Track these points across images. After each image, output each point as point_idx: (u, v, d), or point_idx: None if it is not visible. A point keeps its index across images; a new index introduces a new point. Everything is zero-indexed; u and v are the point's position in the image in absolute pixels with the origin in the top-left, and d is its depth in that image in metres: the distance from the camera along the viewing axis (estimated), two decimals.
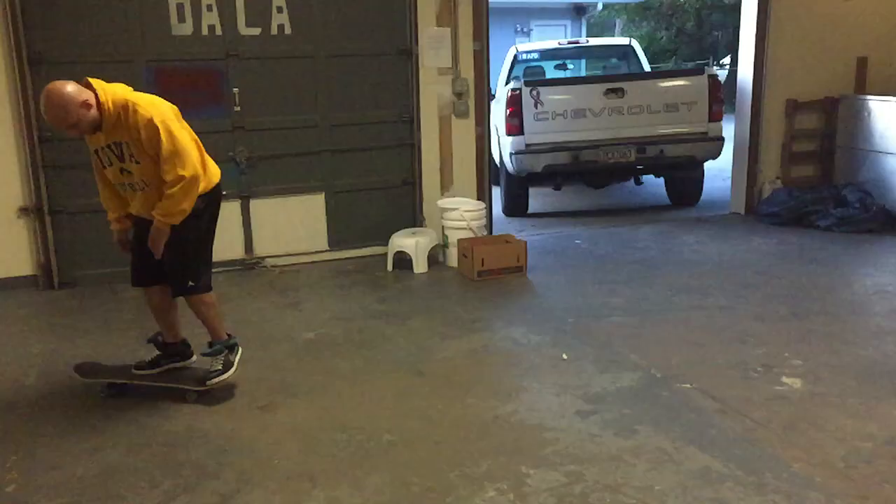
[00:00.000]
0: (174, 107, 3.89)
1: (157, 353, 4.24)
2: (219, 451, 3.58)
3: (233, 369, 4.10)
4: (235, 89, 6.30)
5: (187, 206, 3.79)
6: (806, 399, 3.95)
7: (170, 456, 3.55)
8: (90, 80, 3.72)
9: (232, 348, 4.14)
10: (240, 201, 6.47)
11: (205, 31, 6.19)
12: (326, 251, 6.75)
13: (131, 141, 3.73)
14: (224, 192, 6.29)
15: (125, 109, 3.70)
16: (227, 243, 6.43)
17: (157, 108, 3.75)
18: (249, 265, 6.54)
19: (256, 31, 6.29)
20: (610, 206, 9.14)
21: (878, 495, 3.10)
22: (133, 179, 3.85)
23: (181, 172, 3.71)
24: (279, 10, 6.31)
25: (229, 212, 6.45)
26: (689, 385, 4.14)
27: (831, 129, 7.96)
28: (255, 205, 6.52)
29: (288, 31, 6.36)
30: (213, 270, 6.38)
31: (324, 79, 6.52)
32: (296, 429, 3.79)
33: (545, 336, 4.94)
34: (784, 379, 4.18)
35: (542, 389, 4.15)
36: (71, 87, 3.62)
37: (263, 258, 6.59)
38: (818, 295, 5.58)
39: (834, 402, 3.89)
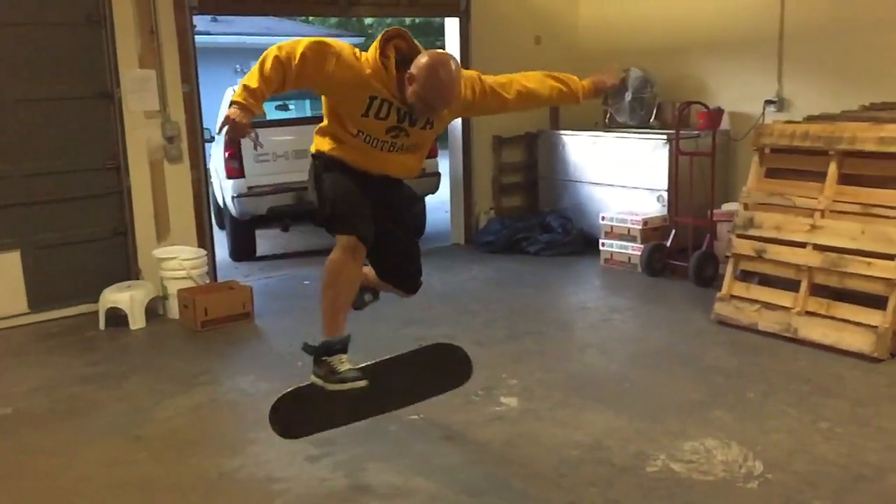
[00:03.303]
0: None
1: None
2: None
3: None
4: None
5: None
6: (521, 416, 4.21)
7: None
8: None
9: None
10: None
11: None
12: (26, 314, 6.07)
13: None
14: None
15: None
16: None
17: None
18: None
19: None
20: None
21: (586, 498, 3.36)
22: (406, 142, 3.34)
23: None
24: None
25: None
26: (416, 416, 4.24)
27: (533, 161, 8.67)
28: None
29: None
30: None
31: (13, 125, 5.90)
32: None
33: (274, 383, 4.80)
34: (502, 399, 4.42)
35: (272, 439, 3.99)
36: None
37: None
38: (531, 316, 6.00)
39: (546, 416, 4.19)
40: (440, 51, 3.20)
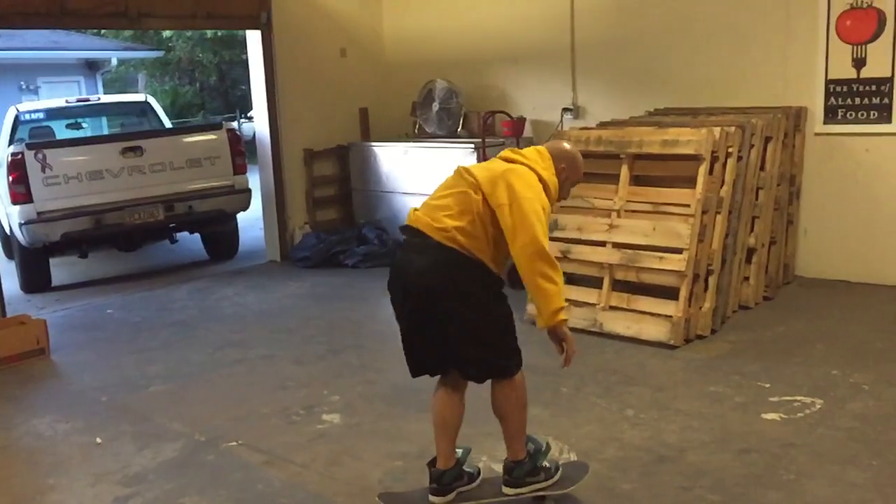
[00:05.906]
0: None
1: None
2: None
3: None
4: None
5: None
6: (345, 432, 4.15)
7: None
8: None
9: None
10: None
11: None
12: None
13: None
14: None
15: None
16: None
17: None
18: None
19: None
20: (145, 268, 8.69)
21: None
22: None
23: None
24: None
25: None
26: (235, 443, 4.08)
27: (346, 173, 8.63)
28: None
29: None
30: None
31: None
32: None
33: (75, 422, 4.47)
34: (324, 416, 4.34)
35: (74, 483, 3.73)
36: None
37: None
38: (351, 329, 5.95)
39: (369, 430, 4.15)
40: (548, 144, 3.53)
